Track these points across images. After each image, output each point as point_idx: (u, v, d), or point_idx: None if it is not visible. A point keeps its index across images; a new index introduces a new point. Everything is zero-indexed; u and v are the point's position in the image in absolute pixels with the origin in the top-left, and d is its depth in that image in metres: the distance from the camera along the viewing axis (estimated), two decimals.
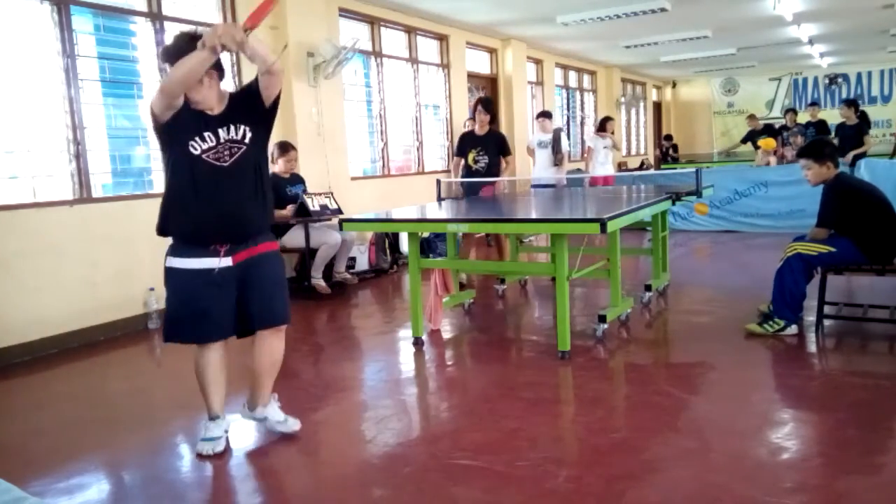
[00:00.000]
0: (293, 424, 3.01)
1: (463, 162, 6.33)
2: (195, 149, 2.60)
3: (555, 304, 4.02)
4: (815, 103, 11.77)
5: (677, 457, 2.64)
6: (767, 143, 10.49)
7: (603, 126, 9.17)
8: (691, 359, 3.94)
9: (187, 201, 2.63)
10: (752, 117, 12.72)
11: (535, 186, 7.79)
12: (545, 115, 8.14)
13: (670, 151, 15.67)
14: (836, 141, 8.46)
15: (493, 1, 8.27)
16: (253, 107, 2.70)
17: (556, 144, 7.87)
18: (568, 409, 3.31)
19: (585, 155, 9.92)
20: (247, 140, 2.68)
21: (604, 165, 9.03)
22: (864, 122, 9.21)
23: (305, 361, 4.29)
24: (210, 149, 2.62)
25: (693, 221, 8.95)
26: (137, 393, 3.82)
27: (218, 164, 2.63)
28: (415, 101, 8.85)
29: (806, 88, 17.28)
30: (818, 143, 4.36)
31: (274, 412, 3.00)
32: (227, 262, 2.70)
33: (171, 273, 2.75)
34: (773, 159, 10.21)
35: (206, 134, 2.62)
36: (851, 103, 9.14)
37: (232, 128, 2.66)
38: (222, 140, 2.64)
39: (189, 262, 2.70)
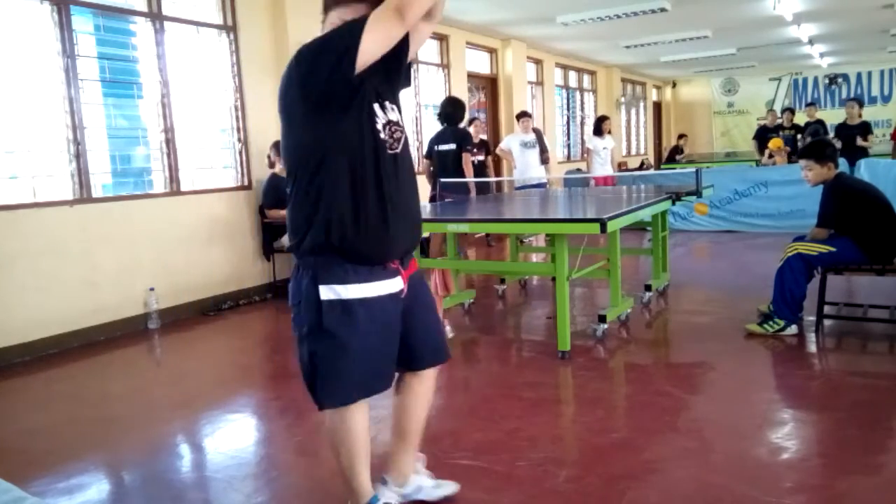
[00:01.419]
0: (450, 487, 2.37)
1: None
2: (379, 131, 1.91)
3: (555, 304, 4.02)
4: (812, 103, 11.76)
5: (677, 457, 2.64)
6: (776, 142, 10.50)
7: (599, 128, 9.18)
8: (691, 359, 3.94)
9: (369, 202, 1.90)
10: (771, 112, 12.51)
11: (525, 187, 7.76)
12: (527, 114, 8.12)
13: (676, 155, 14.68)
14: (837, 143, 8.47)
15: (493, 1, 8.27)
16: (392, 70, 1.95)
17: (542, 143, 7.91)
18: (568, 409, 3.31)
19: (586, 156, 9.92)
20: (401, 122, 2.01)
21: (603, 166, 9.04)
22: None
23: None
24: (381, 130, 1.94)
25: (693, 221, 8.96)
26: (137, 393, 3.82)
27: (391, 151, 1.95)
28: (415, 101, 8.85)
29: (806, 88, 17.30)
30: (819, 144, 4.36)
31: (425, 479, 2.35)
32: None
33: (356, 307, 1.93)
34: (780, 158, 10.20)
35: (374, 107, 1.93)
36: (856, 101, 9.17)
37: (387, 105, 1.96)
38: (382, 120, 1.94)
39: (380, 287, 1.96)
